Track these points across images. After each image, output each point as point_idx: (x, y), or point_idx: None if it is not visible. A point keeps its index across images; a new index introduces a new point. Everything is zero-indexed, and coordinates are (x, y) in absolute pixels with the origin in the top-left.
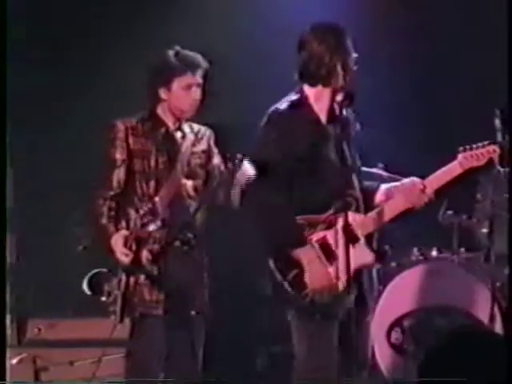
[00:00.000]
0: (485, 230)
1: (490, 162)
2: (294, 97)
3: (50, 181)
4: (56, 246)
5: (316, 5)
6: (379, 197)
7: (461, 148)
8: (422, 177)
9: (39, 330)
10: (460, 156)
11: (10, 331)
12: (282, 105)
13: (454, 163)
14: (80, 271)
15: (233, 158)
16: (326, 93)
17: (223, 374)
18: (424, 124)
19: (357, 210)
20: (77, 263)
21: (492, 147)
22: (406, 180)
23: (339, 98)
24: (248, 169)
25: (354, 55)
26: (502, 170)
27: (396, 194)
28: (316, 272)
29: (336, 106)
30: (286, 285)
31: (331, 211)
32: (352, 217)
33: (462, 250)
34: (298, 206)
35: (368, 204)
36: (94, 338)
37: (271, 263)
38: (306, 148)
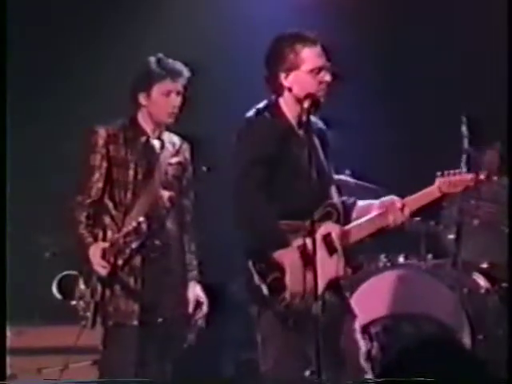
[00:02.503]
0: (452, 237)
1: (467, 189)
2: (264, 103)
3: (21, 185)
4: (23, 254)
5: (293, 16)
6: (356, 213)
7: (439, 173)
8: (390, 183)
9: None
10: (438, 181)
11: None
12: (253, 111)
13: (433, 187)
14: (48, 278)
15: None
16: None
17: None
18: (393, 129)
19: (337, 221)
20: (45, 270)
21: (470, 176)
22: (385, 198)
23: (306, 104)
24: None
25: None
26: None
27: (374, 210)
28: (296, 276)
29: (303, 113)
30: (264, 287)
31: (312, 219)
32: (331, 227)
33: (429, 256)
34: (279, 211)
35: (345, 218)
36: (63, 346)
37: (250, 265)
38: (280, 153)
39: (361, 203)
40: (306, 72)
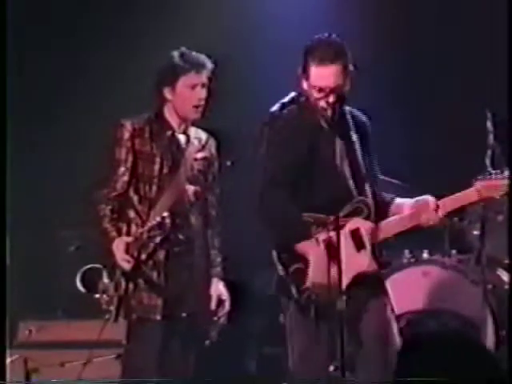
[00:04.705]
0: (476, 232)
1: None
2: (291, 96)
3: (45, 180)
4: (47, 248)
5: (317, 14)
6: (393, 210)
7: (480, 176)
8: (427, 183)
9: (30, 331)
10: (478, 184)
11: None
12: (278, 105)
13: (472, 190)
14: (71, 272)
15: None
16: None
17: (214, 376)
18: (430, 129)
19: (367, 217)
20: (68, 264)
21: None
22: (420, 197)
23: (331, 99)
24: None
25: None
26: (493, 171)
27: (408, 209)
28: (320, 269)
29: (329, 108)
30: (287, 278)
31: (341, 214)
32: (361, 223)
33: (454, 252)
34: (305, 204)
35: (381, 215)
36: (85, 340)
37: (275, 256)
38: (305, 148)
39: (398, 201)
40: (311, 86)
